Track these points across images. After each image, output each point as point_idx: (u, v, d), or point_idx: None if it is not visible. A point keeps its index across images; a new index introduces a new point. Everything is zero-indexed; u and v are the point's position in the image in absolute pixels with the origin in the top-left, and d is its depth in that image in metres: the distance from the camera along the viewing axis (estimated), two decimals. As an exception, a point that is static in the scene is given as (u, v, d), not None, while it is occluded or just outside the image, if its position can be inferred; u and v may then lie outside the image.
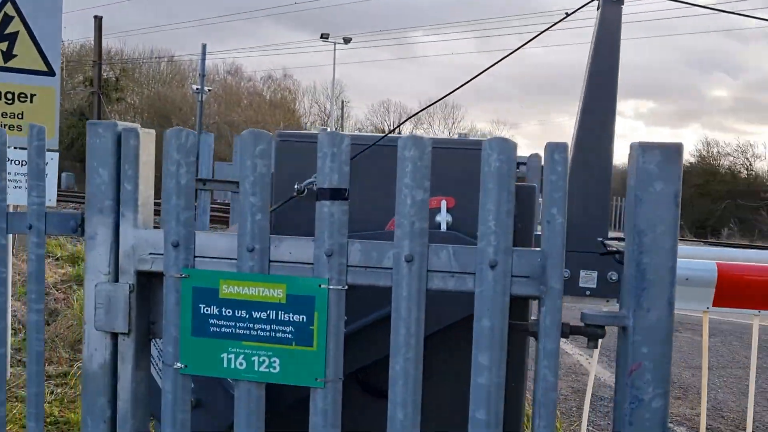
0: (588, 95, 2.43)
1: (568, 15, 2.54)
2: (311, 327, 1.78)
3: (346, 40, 40.86)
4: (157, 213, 1.91)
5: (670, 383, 1.72)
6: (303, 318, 1.78)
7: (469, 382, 1.76)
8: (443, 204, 2.48)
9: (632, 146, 1.73)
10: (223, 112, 44.21)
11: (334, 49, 40.90)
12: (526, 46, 2.70)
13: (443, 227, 2.44)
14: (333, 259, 1.77)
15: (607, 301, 2.62)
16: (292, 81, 51.74)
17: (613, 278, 2.47)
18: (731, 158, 37.44)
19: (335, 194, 1.77)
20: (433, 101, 2.69)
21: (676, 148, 1.69)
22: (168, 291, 1.84)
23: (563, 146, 1.72)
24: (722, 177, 36.31)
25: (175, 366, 1.85)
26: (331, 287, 1.77)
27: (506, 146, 1.72)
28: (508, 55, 2.71)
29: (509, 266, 1.73)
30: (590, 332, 1.77)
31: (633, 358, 1.71)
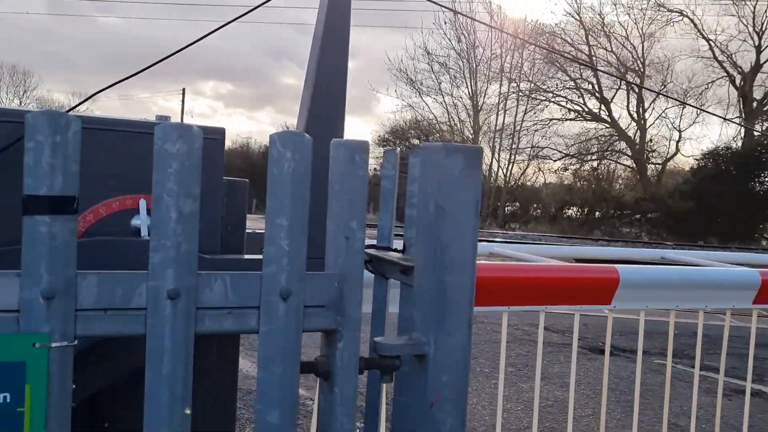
0: (317, 90, 2.13)
1: None
2: (20, 409, 1.16)
3: None
4: None
5: (466, 412, 1.57)
6: (6, 397, 1.15)
7: None
8: (142, 204, 1.96)
9: (431, 147, 1.51)
10: None
11: None
12: (232, 23, 2.31)
13: (144, 233, 1.92)
14: (56, 302, 1.17)
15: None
16: None
17: None
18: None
19: (59, 206, 1.17)
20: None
21: (477, 153, 1.52)
22: None
23: (364, 145, 1.42)
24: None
25: None
26: (54, 345, 1.18)
27: (301, 143, 1.34)
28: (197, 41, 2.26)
29: (303, 295, 1.36)
30: (387, 364, 1.51)
31: (433, 389, 1.50)
